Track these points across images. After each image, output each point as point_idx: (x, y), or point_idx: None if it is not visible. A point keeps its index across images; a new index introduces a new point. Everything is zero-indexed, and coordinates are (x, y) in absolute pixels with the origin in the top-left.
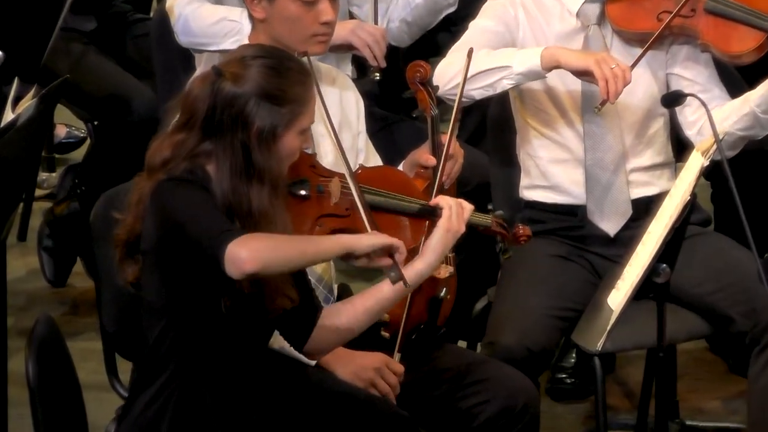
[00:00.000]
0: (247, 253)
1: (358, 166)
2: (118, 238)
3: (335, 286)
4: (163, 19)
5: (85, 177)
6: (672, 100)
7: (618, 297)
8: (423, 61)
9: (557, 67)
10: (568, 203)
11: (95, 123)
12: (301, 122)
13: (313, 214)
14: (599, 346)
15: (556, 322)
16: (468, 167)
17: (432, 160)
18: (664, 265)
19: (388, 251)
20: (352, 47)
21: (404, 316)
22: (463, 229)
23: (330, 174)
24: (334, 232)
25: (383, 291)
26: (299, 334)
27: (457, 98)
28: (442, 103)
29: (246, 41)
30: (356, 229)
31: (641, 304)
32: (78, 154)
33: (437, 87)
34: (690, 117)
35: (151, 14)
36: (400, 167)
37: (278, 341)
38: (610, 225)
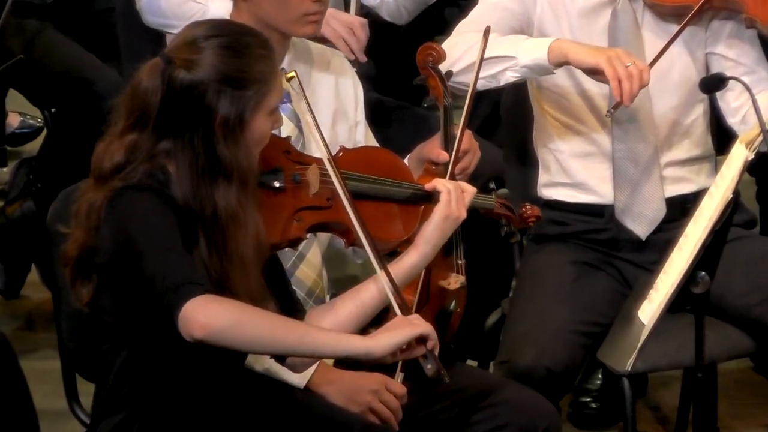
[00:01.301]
0: (201, 319)
1: (338, 148)
2: (67, 256)
3: (328, 297)
4: (132, 6)
5: (41, 172)
6: (712, 84)
7: (650, 309)
8: (435, 43)
9: (566, 63)
10: (593, 203)
11: (52, 110)
12: (269, 101)
13: (289, 207)
14: (629, 365)
15: (580, 339)
16: (480, 162)
17: (444, 156)
18: (703, 272)
19: (418, 339)
20: (325, 39)
21: None
22: (464, 215)
23: (307, 160)
24: (315, 226)
25: (364, 294)
26: None
27: (471, 85)
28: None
29: None
30: (341, 222)
31: (677, 317)
32: (33, 146)
33: (451, 72)
34: (733, 103)
35: None
36: (405, 162)
37: (261, 361)
38: (642, 227)
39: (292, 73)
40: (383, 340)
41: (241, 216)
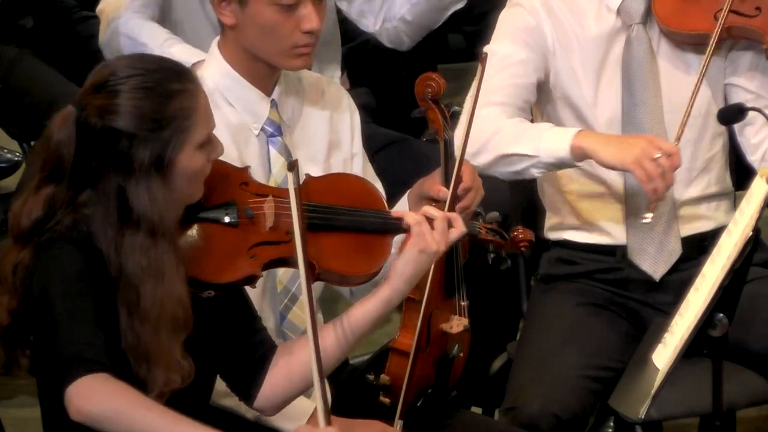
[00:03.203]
0: (79, 403)
1: (304, 176)
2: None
3: None
4: None
5: None
6: (731, 114)
7: (665, 354)
8: (435, 73)
9: (589, 158)
10: (605, 243)
11: (31, 143)
12: (193, 136)
13: (242, 243)
14: (642, 413)
15: (590, 384)
16: (484, 197)
17: (444, 192)
18: (721, 314)
19: None
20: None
21: (406, 378)
22: (443, 248)
23: (266, 191)
24: (272, 262)
25: (324, 340)
26: (246, 381)
27: (467, 117)
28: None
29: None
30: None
31: (693, 362)
32: (11, 182)
33: (452, 105)
34: (753, 139)
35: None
36: (404, 199)
37: (229, 398)
38: (656, 267)
39: (294, 162)
40: None
41: (153, 270)
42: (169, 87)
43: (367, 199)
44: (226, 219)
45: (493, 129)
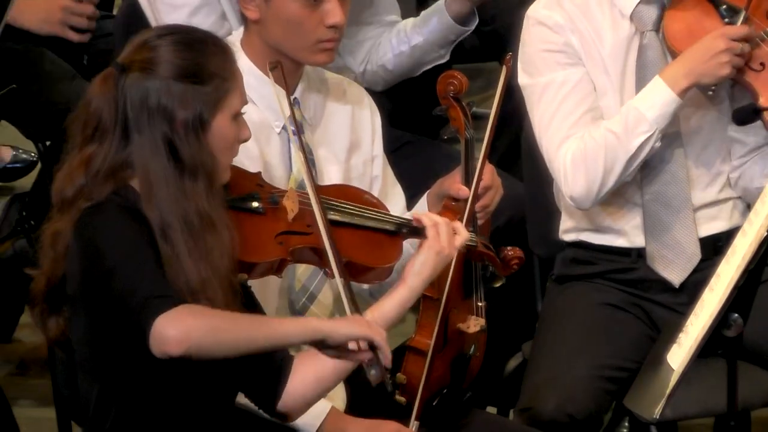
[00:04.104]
0: (175, 333)
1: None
2: (34, 292)
3: None
4: (131, 17)
5: (35, 209)
6: (745, 115)
7: (680, 354)
8: (457, 71)
9: (693, 84)
10: (621, 246)
11: (47, 143)
12: (231, 102)
13: (269, 230)
14: (657, 413)
15: (606, 385)
16: (500, 198)
17: (465, 191)
18: (736, 315)
19: (369, 344)
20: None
21: (423, 377)
22: (454, 253)
23: (282, 191)
24: (298, 250)
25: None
26: (266, 392)
27: (492, 116)
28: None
29: None
30: (323, 249)
31: (708, 362)
32: (26, 182)
33: (473, 104)
34: (734, 159)
35: (115, 12)
36: (423, 200)
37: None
38: (676, 274)
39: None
40: (342, 328)
41: (213, 218)
42: (209, 47)
43: (375, 204)
44: (254, 204)
45: (597, 152)
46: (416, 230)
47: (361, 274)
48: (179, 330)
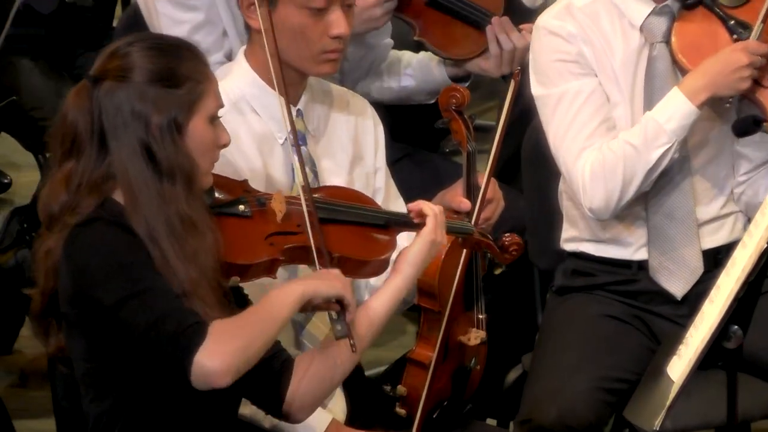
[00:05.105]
0: (219, 366)
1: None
2: (33, 310)
3: None
4: (131, 29)
5: (35, 220)
6: (746, 126)
7: (680, 366)
8: (460, 84)
9: (711, 95)
10: (622, 258)
11: (47, 155)
12: (206, 105)
13: (259, 233)
14: (657, 425)
15: (606, 397)
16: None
17: (467, 204)
18: (736, 327)
19: (338, 300)
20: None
21: (424, 390)
22: (446, 241)
23: (269, 195)
24: (289, 250)
25: (361, 318)
26: (271, 397)
27: (499, 130)
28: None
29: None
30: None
31: (708, 374)
32: (26, 194)
33: (475, 117)
34: (739, 174)
35: (115, 23)
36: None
37: (270, 418)
38: (679, 285)
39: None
40: (323, 288)
41: (195, 220)
42: (180, 51)
43: (365, 201)
44: (241, 207)
45: (616, 164)
46: (408, 222)
47: (358, 268)
48: (222, 362)
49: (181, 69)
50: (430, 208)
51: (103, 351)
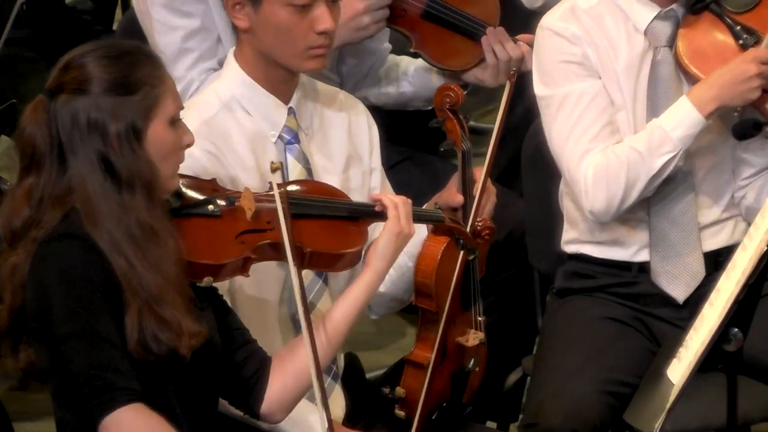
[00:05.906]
0: None
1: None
2: (1, 327)
3: (341, 356)
4: (130, 33)
5: None
6: (746, 129)
7: (680, 369)
8: (453, 83)
9: (720, 108)
10: (624, 260)
11: None
12: (164, 108)
13: (229, 231)
14: (657, 428)
15: (609, 400)
16: (500, 212)
17: (460, 199)
18: (736, 329)
19: None
20: None
21: (423, 392)
22: (413, 231)
23: (238, 193)
24: (260, 249)
25: (335, 313)
26: (248, 398)
27: (496, 129)
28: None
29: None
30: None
31: (708, 377)
32: None
33: (469, 117)
34: (740, 180)
35: (115, 27)
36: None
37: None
38: (680, 289)
39: (278, 164)
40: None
41: (156, 228)
42: (134, 57)
43: (334, 194)
44: (210, 207)
45: (620, 168)
46: (376, 213)
47: (332, 262)
48: None
49: (135, 75)
50: (389, 200)
51: (63, 366)
